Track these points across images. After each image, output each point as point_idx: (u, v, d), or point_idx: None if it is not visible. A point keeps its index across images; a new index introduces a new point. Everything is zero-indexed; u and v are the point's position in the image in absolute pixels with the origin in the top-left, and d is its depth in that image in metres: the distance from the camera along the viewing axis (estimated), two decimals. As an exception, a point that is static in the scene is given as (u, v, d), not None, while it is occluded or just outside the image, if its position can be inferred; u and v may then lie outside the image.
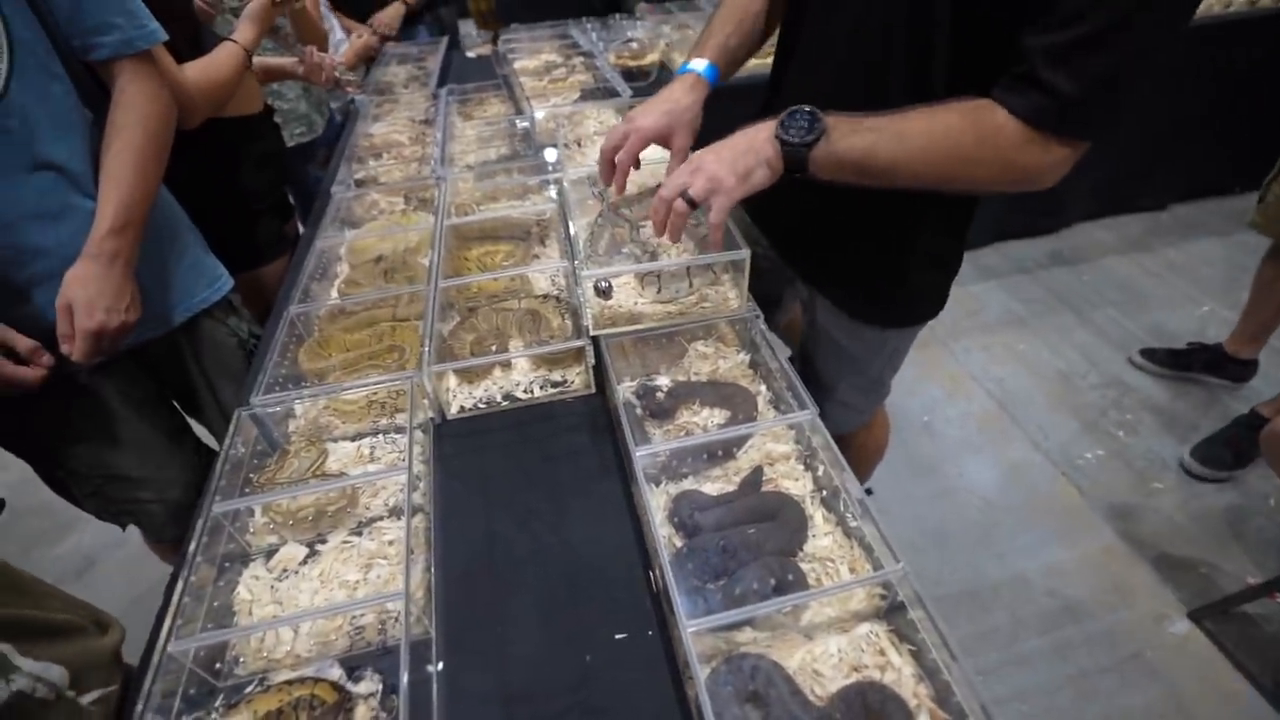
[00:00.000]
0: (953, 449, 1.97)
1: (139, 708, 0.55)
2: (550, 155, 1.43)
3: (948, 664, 0.59)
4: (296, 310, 1.02)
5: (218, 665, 0.65)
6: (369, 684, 0.62)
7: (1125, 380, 2.13)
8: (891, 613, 0.68)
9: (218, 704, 0.62)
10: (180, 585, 0.64)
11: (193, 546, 0.68)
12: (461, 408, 0.93)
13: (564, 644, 0.67)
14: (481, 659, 0.67)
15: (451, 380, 0.95)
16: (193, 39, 1.28)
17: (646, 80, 2.08)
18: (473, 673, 0.65)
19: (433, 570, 0.74)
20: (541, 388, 0.94)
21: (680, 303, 0.92)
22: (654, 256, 0.93)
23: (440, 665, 0.66)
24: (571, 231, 1.06)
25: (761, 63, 1.09)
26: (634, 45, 2.18)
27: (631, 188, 1.24)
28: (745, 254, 0.87)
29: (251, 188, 1.57)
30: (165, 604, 0.71)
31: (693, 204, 0.77)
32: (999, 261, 2.68)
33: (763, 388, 0.91)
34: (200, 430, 1.29)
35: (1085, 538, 1.71)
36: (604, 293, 0.87)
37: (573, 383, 0.94)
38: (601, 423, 0.91)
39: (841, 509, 0.76)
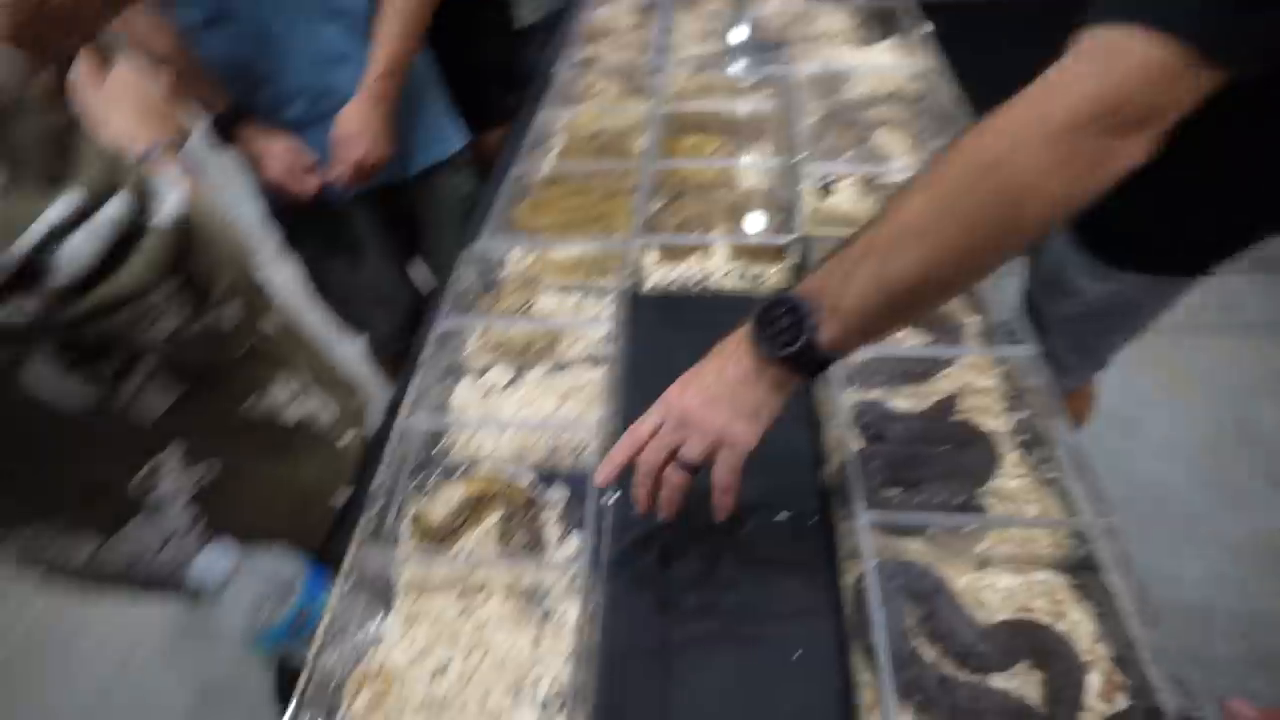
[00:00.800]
0: (1159, 456, 1.73)
1: (383, 464, 0.66)
2: (773, 53, 1.37)
3: (1138, 634, 0.54)
4: (519, 172, 1.10)
5: (434, 451, 0.76)
6: (557, 491, 0.70)
7: None
8: (1078, 569, 0.63)
9: (435, 475, 0.74)
10: (419, 376, 0.75)
11: (425, 352, 0.79)
12: (657, 284, 0.96)
13: (727, 509, 0.70)
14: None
15: (652, 256, 0.99)
16: None
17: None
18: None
19: (613, 421, 0.80)
20: (740, 278, 0.94)
21: (902, 213, 0.87)
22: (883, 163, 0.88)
23: (612, 499, 0.72)
24: (793, 128, 1.02)
25: None
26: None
27: (859, 94, 1.17)
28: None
29: (484, 57, 1.68)
30: (398, 392, 0.84)
31: (693, 469, 0.56)
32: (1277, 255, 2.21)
33: (976, 318, 0.85)
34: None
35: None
36: (826, 189, 0.84)
37: (769, 279, 0.94)
38: (790, 323, 0.90)
39: (1039, 458, 0.71)
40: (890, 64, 1.23)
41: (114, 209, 0.42)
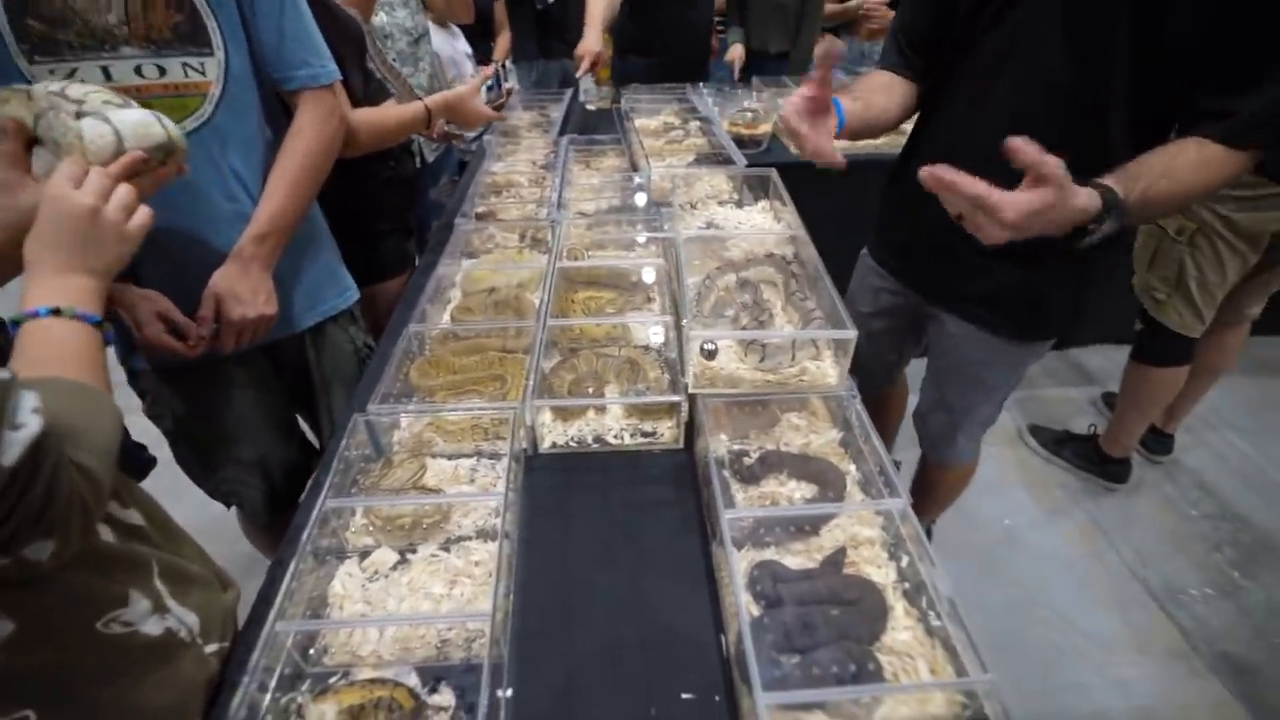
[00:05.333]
0: (1035, 560, 1.85)
1: (245, 679, 0.59)
2: (662, 213, 1.50)
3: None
4: (415, 329, 1.10)
5: (310, 651, 0.69)
6: (444, 697, 0.65)
7: (1242, 514, 1.95)
8: (974, 725, 0.65)
9: (305, 688, 0.66)
10: (292, 568, 0.69)
11: (305, 536, 0.73)
12: (554, 444, 0.97)
13: (630, 692, 0.68)
14: (549, 692, 0.68)
15: (547, 415, 1.00)
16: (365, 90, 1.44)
17: (758, 148, 2.15)
18: (540, 702, 0.67)
19: (511, 597, 0.76)
20: (631, 435, 0.97)
21: (780, 373, 0.93)
22: (761, 325, 0.96)
23: (510, 692, 0.67)
24: (680, 289, 1.10)
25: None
26: (749, 115, 2.26)
27: (738, 254, 1.28)
28: (852, 334, 0.88)
29: (382, 209, 1.72)
30: (269, 582, 0.77)
31: None
32: (1104, 364, 2.55)
33: (852, 468, 0.90)
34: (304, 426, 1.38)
35: (1186, 686, 1.54)
36: (709, 354, 0.90)
37: (662, 435, 0.97)
38: (685, 479, 0.92)
39: (924, 606, 0.74)
40: (765, 225, 1.37)
41: None
